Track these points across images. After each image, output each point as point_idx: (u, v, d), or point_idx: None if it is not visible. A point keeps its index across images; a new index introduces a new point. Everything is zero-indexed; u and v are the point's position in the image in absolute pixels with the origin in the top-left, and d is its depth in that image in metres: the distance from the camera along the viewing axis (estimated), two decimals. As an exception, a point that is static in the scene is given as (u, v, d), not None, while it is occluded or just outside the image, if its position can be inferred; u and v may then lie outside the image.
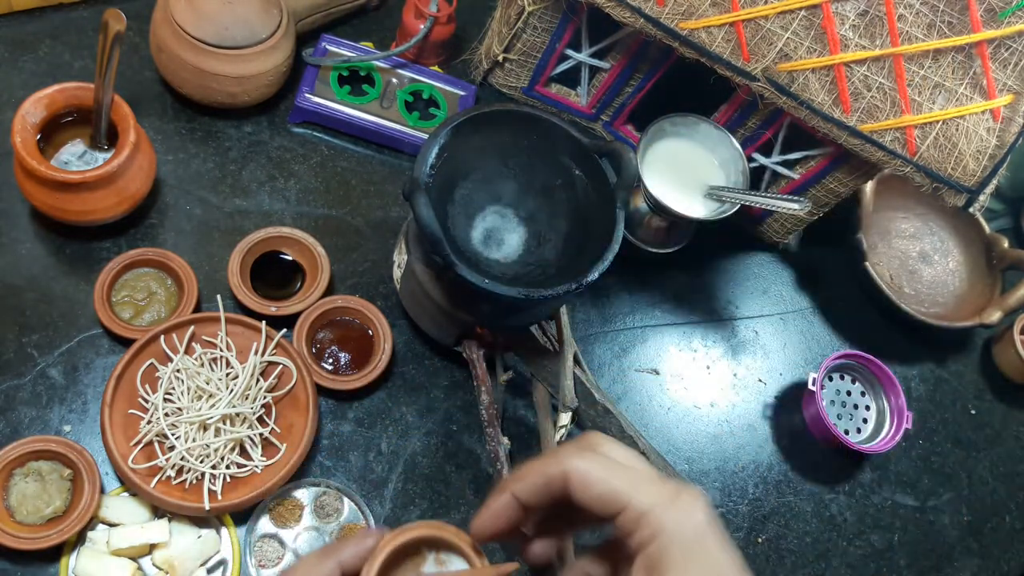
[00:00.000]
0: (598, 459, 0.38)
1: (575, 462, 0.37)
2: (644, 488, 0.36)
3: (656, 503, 0.36)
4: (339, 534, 0.70)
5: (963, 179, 0.74)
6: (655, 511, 0.36)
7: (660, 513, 0.35)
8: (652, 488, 0.36)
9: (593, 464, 0.37)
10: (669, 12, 0.72)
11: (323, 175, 0.85)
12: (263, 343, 0.71)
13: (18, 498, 0.64)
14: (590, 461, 0.37)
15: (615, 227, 0.65)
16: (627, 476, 0.37)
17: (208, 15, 0.76)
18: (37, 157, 0.67)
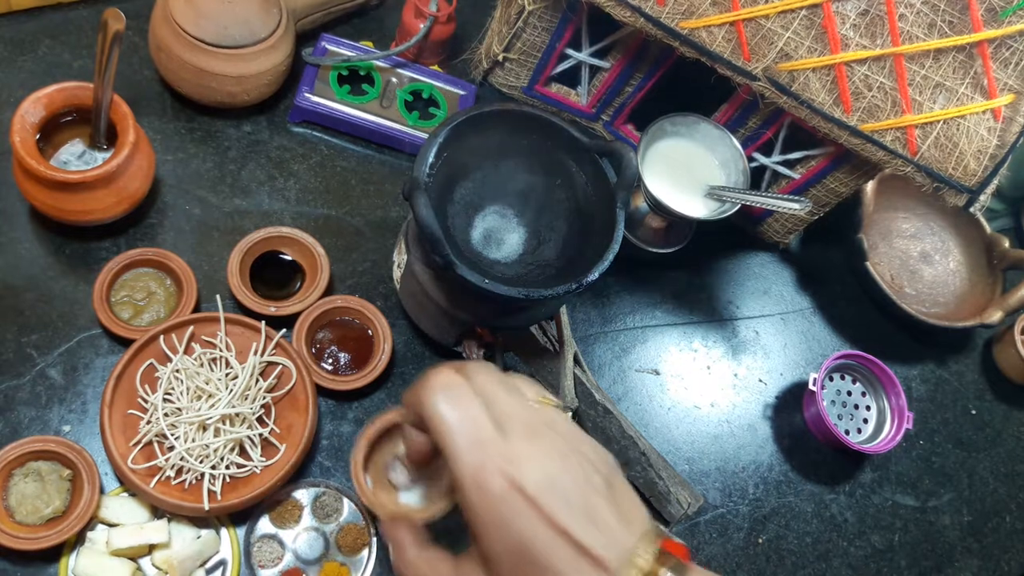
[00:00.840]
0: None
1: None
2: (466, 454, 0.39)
3: (459, 475, 0.39)
4: (339, 535, 0.70)
5: (964, 179, 0.74)
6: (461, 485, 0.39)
7: (464, 489, 0.39)
8: (466, 458, 0.39)
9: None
10: (669, 11, 0.72)
11: (323, 175, 0.85)
12: (263, 343, 0.71)
13: (18, 498, 0.64)
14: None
15: (615, 227, 0.65)
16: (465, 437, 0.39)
17: (208, 14, 0.76)
18: (36, 157, 0.66)
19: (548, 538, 0.37)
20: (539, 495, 0.37)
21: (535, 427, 0.40)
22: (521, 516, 0.37)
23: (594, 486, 0.39)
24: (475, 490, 0.38)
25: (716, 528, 0.81)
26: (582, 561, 0.37)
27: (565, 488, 0.38)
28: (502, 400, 0.41)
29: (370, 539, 0.71)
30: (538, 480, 0.38)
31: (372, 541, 0.71)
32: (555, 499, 0.38)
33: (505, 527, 0.37)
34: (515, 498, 0.37)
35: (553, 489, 0.38)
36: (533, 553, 0.37)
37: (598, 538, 0.38)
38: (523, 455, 0.38)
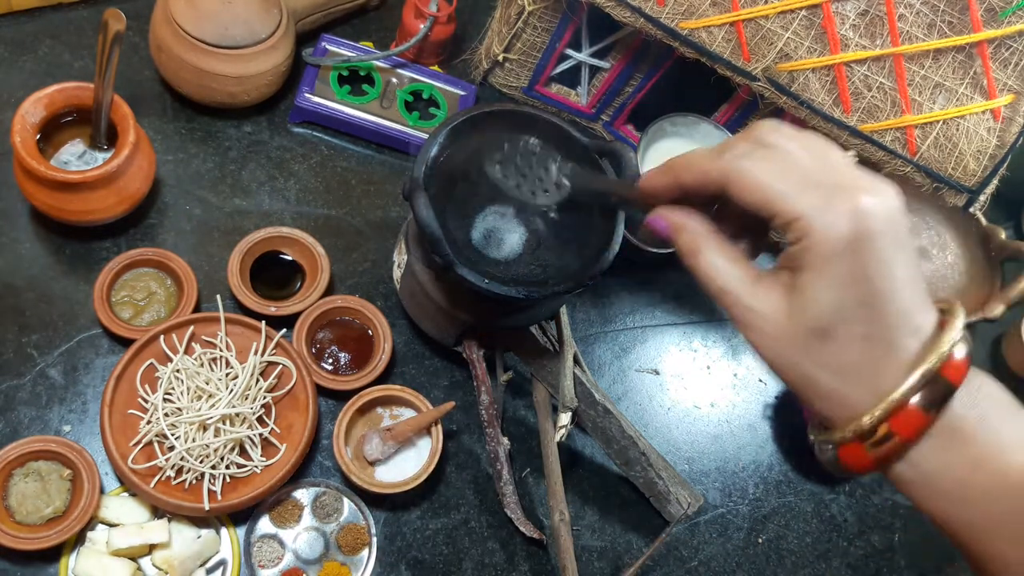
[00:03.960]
0: (760, 160, 0.36)
1: (735, 164, 0.37)
2: (800, 193, 0.35)
3: (808, 210, 0.35)
4: (339, 534, 0.70)
5: (963, 179, 0.74)
6: (804, 218, 0.35)
7: (808, 221, 0.35)
8: (808, 193, 0.35)
9: (753, 167, 0.36)
10: (669, 12, 0.72)
11: (323, 175, 0.85)
12: (263, 343, 0.71)
13: (18, 498, 0.64)
14: (751, 163, 0.36)
15: (615, 227, 0.65)
16: (786, 179, 0.35)
17: (208, 15, 0.76)
18: (37, 157, 0.67)
19: (890, 280, 0.35)
20: (886, 236, 0.35)
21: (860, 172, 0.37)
22: (868, 250, 0.34)
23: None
24: (826, 231, 0.34)
25: (716, 528, 0.81)
26: (914, 318, 0.36)
27: (906, 240, 0.36)
28: (815, 146, 0.37)
29: (370, 539, 0.71)
30: (885, 220, 0.35)
31: (372, 541, 0.71)
32: (901, 248, 0.35)
33: (849, 254, 0.34)
34: (864, 227, 0.34)
35: (898, 239, 0.35)
36: (869, 290, 0.35)
37: (927, 302, 0.36)
38: (865, 187, 0.35)
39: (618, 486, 0.80)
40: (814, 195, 0.35)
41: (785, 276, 0.37)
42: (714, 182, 0.38)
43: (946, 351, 0.35)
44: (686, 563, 0.79)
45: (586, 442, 0.81)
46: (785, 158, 0.36)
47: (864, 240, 0.34)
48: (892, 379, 0.35)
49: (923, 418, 0.35)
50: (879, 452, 0.36)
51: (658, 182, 0.41)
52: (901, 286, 0.35)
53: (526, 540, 0.75)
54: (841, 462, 0.38)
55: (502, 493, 0.73)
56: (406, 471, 0.72)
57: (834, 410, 0.37)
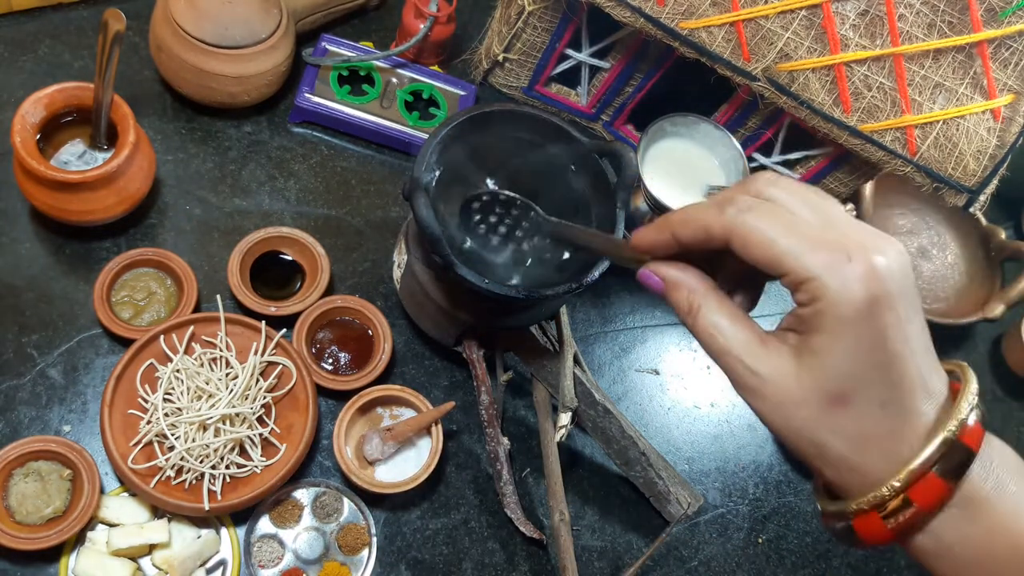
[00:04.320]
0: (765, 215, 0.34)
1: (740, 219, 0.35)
2: (810, 252, 0.33)
3: (820, 271, 0.33)
4: (339, 534, 0.70)
5: (963, 179, 0.74)
6: (817, 279, 0.33)
7: (822, 282, 0.33)
8: (819, 252, 0.33)
9: (758, 223, 0.34)
10: (669, 12, 0.72)
11: (323, 175, 0.85)
12: (263, 343, 0.71)
13: (18, 498, 0.64)
14: (755, 218, 0.34)
15: (615, 227, 0.65)
16: (793, 237, 0.33)
17: (208, 15, 0.76)
18: (37, 157, 0.67)
19: (906, 344, 0.34)
20: (901, 298, 0.33)
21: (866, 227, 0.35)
22: (885, 313, 0.33)
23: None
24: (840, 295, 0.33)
25: (716, 528, 0.81)
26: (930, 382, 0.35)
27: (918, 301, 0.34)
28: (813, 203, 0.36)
29: (370, 539, 0.71)
30: (899, 281, 0.33)
31: (372, 541, 0.71)
32: (914, 310, 0.34)
33: (866, 319, 0.33)
34: (880, 290, 0.33)
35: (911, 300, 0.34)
36: (888, 355, 0.33)
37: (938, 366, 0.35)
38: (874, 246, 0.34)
39: (618, 486, 0.80)
40: (823, 254, 0.33)
41: (793, 338, 0.35)
42: (716, 238, 0.36)
43: (964, 416, 0.34)
44: (686, 563, 0.79)
45: (586, 442, 0.81)
46: (789, 213, 0.35)
47: (881, 303, 0.33)
48: (911, 447, 0.34)
49: (944, 487, 0.34)
50: (898, 523, 0.35)
51: (652, 239, 0.39)
52: (917, 349, 0.34)
53: (526, 540, 0.75)
54: (856, 534, 0.37)
55: (502, 493, 0.73)
56: (406, 471, 0.72)
57: (848, 479, 0.36)
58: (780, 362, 0.35)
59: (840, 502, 0.37)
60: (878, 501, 0.35)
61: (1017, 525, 0.35)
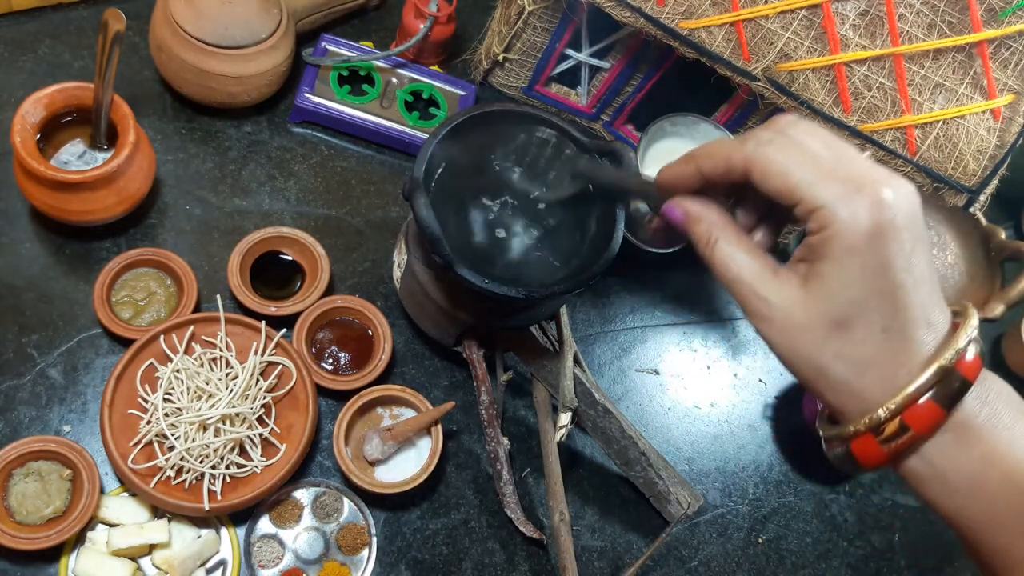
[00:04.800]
0: (783, 148, 0.36)
1: (759, 150, 0.37)
2: (823, 183, 0.35)
3: (831, 200, 0.35)
4: (339, 534, 0.70)
5: (963, 179, 0.74)
6: (827, 208, 0.35)
7: (831, 210, 0.35)
8: (831, 183, 0.35)
9: (777, 155, 0.36)
10: (669, 12, 0.72)
11: (323, 175, 0.85)
12: (263, 343, 0.71)
13: (18, 498, 0.64)
14: (774, 150, 0.36)
15: (615, 227, 0.65)
16: (808, 169, 0.35)
17: (208, 15, 0.76)
18: (37, 157, 0.67)
19: (909, 274, 0.35)
20: (906, 230, 0.35)
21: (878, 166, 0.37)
22: (890, 243, 0.34)
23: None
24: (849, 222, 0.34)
25: (716, 528, 0.81)
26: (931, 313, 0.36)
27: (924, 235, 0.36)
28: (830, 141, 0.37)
29: (370, 539, 0.71)
30: (905, 214, 0.35)
31: (372, 541, 0.71)
32: (920, 243, 0.35)
33: (871, 247, 0.34)
34: (886, 219, 0.34)
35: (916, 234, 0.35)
36: (891, 283, 0.35)
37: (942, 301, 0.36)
38: (883, 180, 0.35)
39: (618, 486, 0.80)
40: (836, 185, 0.35)
41: (803, 268, 0.37)
42: (737, 169, 0.38)
43: (962, 347, 0.35)
44: (686, 563, 0.79)
45: (586, 442, 0.81)
46: (808, 148, 0.36)
47: (886, 232, 0.34)
48: (908, 373, 0.36)
49: (938, 413, 0.35)
50: (892, 446, 0.36)
51: (678, 171, 0.41)
52: (920, 280, 0.35)
53: (526, 540, 0.75)
54: (853, 456, 0.38)
55: (502, 493, 0.73)
56: (406, 471, 0.72)
57: (847, 403, 0.37)
58: (789, 290, 0.37)
59: (840, 426, 0.38)
60: (875, 423, 0.36)
61: (1010, 454, 0.36)
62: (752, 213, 0.42)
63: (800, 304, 0.37)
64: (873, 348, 0.36)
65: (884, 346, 0.36)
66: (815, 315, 0.36)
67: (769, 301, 0.38)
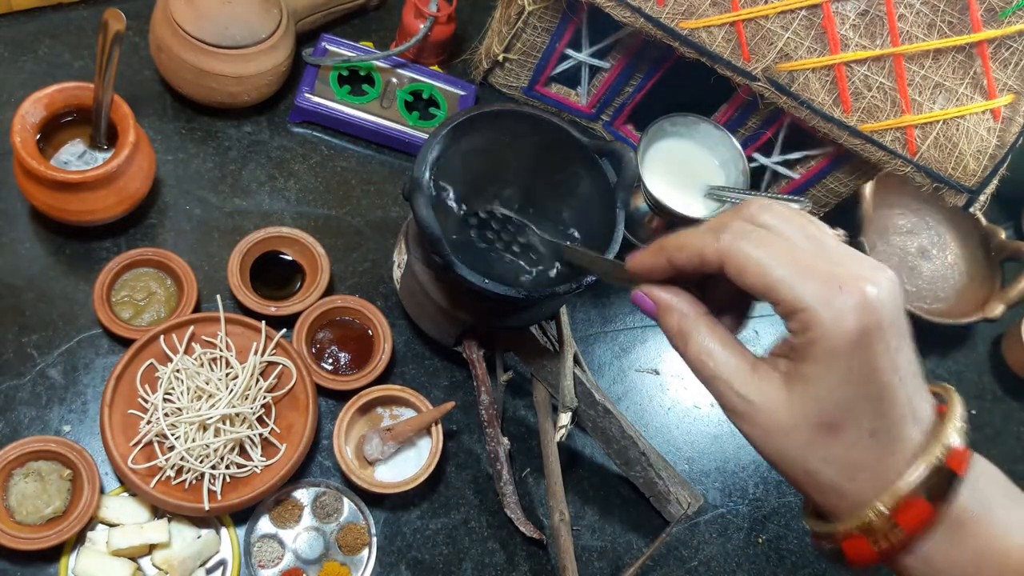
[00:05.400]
0: (759, 243, 0.35)
1: (735, 245, 0.35)
2: (803, 281, 0.34)
3: (812, 301, 0.33)
4: (339, 534, 0.70)
5: (963, 179, 0.74)
6: (810, 311, 0.33)
7: (814, 313, 0.33)
8: (811, 281, 0.33)
9: (753, 251, 0.35)
10: (669, 12, 0.72)
11: (323, 175, 0.85)
12: (263, 343, 0.71)
13: (18, 498, 0.64)
14: (751, 246, 0.35)
15: (615, 227, 0.65)
16: (787, 265, 0.34)
17: (208, 15, 0.76)
18: (37, 157, 0.67)
19: (896, 374, 0.34)
20: (892, 328, 0.34)
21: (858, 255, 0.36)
22: (877, 344, 0.33)
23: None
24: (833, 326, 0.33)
25: (716, 528, 0.81)
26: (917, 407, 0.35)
27: (907, 329, 0.35)
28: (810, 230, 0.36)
29: (370, 539, 0.71)
30: (890, 312, 0.34)
31: (372, 541, 0.71)
32: (904, 339, 0.34)
33: (858, 350, 0.33)
34: (872, 321, 0.33)
35: (901, 329, 0.34)
36: (878, 385, 0.34)
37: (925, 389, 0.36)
38: (865, 277, 0.34)
39: (618, 486, 0.80)
40: (816, 284, 0.34)
41: (784, 365, 0.36)
42: (711, 264, 0.36)
43: (950, 441, 0.35)
44: (686, 563, 0.79)
45: (586, 442, 0.81)
46: (785, 240, 0.35)
47: (872, 335, 0.33)
48: (896, 473, 0.35)
49: (929, 511, 0.35)
50: (884, 546, 0.35)
51: (649, 263, 0.40)
52: (906, 377, 0.35)
53: (526, 540, 0.75)
54: (844, 555, 0.37)
55: (502, 493, 0.73)
56: (406, 471, 0.72)
57: (836, 504, 0.36)
58: (770, 389, 0.36)
59: (829, 524, 0.37)
60: (865, 524, 0.35)
61: (1004, 547, 0.35)
62: (722, 297, 0.40)
63: (783, 404, 0.36)
64: (862, 451, 0.35)
65: (872, 448, 0.35)
66: (799, 417, 0.35)
67: (749, 400, 0.36)
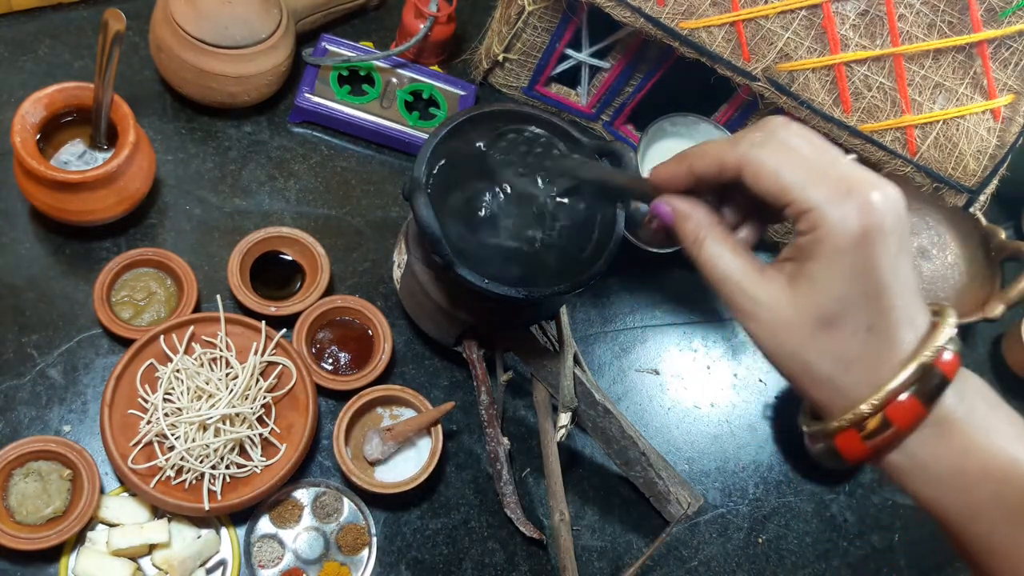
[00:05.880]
0: (775, 150, 0.37)
1: (752, 152, 0.37)
2: (813, 185, 0.36)
3: (821, 202, 0.35)
4: (339, 534, 0.70)
5: (963, 179, 0.74)
6: (818, 210, 0.36)
7: (822, 212, 0.35)
8: (822, 186, 0.36)
9: (769, 157, 0.37)
10: (669, 12, 0.72)
11: (323, 175, 0.85)
12: (263, 343, 0.71)
13: (18, 498, 0.64)
14: (767, 153, 0.37)
15: (615, 227, 0.65)
16: (799, 171, 0.36)
17: (208, 15, 0.76)
18: (37, 157, 0.67)
19: (895, 276, 0.36)
20: (893, 233, 0.36)
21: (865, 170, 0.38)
22: (878, 245, 0.35)
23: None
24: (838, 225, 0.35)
25: (716, 528, 0.81)
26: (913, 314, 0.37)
27: (908, 239, 0.37)
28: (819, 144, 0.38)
29: (370, 539, 0.71)
30: (893, 218, 0.36)
31: (372, 541, 0.71)
32: (904, 247, 0.36)
33: (860, 247, 0.35)
34: (875, 222, 0.35)
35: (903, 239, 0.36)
36: (877, 284, 0.36)
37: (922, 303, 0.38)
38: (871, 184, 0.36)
39: (618, 486, 0.80)
40: (826, 187, 0.36)
41: (789, 267, 0.38)
42: (729, 169, 0.38)
43: (941, 345, 0.37)
44: (686, 563, 0.79)
45: (586, 442, 0.81)
46: (799, 151, 0.37)
47: (874, 236, 0.35)
48: (890, 370, 0.37)
49: (919, 408, 0.37)
50: (875, 441, 0.37)
51: (671, 170, 0.42)
52: (904, 282, 0.36)
53: (526, 540, 0.75)
54: (836, 450, 0.39)
55: (502, 493, 0.73)
56: (406, 471, 0.72)
57: (831, 398, 0.38)
58: (775, 288, 0.38)
59: (823, 422, 0.39)
60: (857, 419, 0.37)
61: (988, 446, 0.37)
62: (738, 211, 0.42)
63: (787, 302, 0.38)
64: (858, 346, 0.37)
65: (868, 344, 0.37)
66: (802, 313, 0.37)
67: (756, 299, 0.39)
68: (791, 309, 0.38)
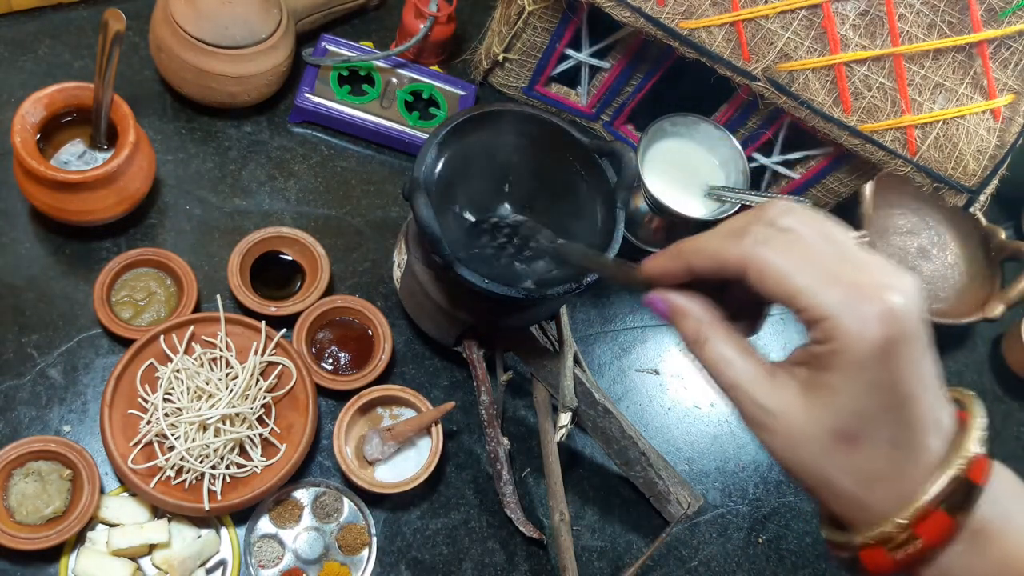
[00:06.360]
0: (781, 249, 0.34)
1: (756, 252, 0.34)
2: (826, 288, 0.33)
3: (836, 310, 0.32)
4: (339, 534, 0.70)
5: (964, 179, 0.74)
6: (833, 319, 0.32)
7: (838, 322, 0.32)
8: (835, 289, 0.33)
9: (776, 257, 0.34)
10: (669, 12, 0.72)
11: (323, 175, 0.85)
12: (263, 343, 0.71)
13: (18, 498, 0.64)
14: (773, 253, 0.34)
15: (615, 227, 0.65)
16: (809, 272, 0.33)
17: (208, 15, 0.76)
18: (37, 157, 0.67)
19: (919, 383, 0.33)
20: (915, 337, 0.33)
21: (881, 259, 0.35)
22: (901, 355, 0.33)
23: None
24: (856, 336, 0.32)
25: (716, 528, 0.81)
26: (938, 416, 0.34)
27: (929, 338, 0.34)
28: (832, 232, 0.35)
29: (370, 539, 0.71)
30: (914, 321, 0.33)
31: (372, 541, 0.71)
32: (927, 348, 0.33)
33: (882, 360, 0.32)
34: (897, 331, 0.32)
35: (924, 338, 0.33)
36: (900, 396, 0.33)
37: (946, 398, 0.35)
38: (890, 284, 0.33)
39: (618, 486, 0.80)
40: (839, 291, 0.33)
41: (803, 373, 0.35)
42: (731, 270, 0.35)
43: (970, 451, 0.34)
44: (686, 563, 0.79)
45: (586, 442, 0.81)
46: (805, 246, 0.34)
47: (896, 345, 0.33)
48: (917, 482, 0.34)
49: (949, 523, 0.34)
50: (903, 557, 0.35)
51: (665, 267, 0.39)
52: (928, 386, 0.34)
53: (526, 540, 0.75)
54: (862, 565, 0.37)
55: (502, 493, 0.73)
56: (406, 471, 0.72)
57: (855, 515, 0.36)
58: (789, 397, 0.35)
59: (846, 533, 0.37)
60: (885, 536, 0.35)
61: (1021, 552, 0.35)
62: (735, 302, 0.39)
63: (801, 412, 0.35)
64: (882, 462, 0.34)
65: (893, 459, 0.34)
66: (819, 426, 0.34)
67: (768, 409, 0.36)
68: (807, 421, 0.35)
